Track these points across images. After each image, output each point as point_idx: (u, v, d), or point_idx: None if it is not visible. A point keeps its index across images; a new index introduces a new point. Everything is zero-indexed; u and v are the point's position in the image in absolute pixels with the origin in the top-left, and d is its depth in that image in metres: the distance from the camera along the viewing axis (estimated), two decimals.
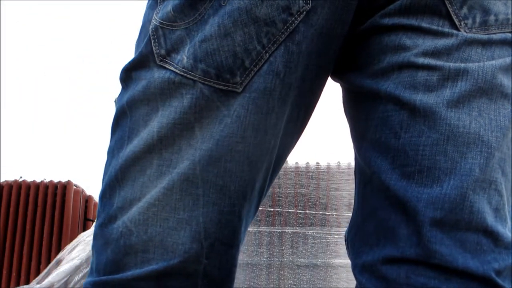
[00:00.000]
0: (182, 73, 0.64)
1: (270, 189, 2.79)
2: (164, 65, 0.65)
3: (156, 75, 0.65)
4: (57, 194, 3.86)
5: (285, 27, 0.63)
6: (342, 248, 2.67)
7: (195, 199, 0.64)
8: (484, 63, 0.62)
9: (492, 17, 0.62)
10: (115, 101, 0.75)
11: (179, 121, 0.64)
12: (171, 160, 0.65)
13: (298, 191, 2.77)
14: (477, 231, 0.59)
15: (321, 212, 2.75)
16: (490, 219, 0.60)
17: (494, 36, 0.62)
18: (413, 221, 0.60)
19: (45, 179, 3.93)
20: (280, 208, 2.74)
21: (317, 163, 2.80)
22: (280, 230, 2.71)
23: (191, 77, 0.63)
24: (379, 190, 0.64)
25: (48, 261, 3.64)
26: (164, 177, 0.64)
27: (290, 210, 2.75)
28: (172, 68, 0.64)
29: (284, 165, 2.88)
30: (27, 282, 3.62)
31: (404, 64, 0.63)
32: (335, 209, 2.74)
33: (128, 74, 0.69)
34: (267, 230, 2.72)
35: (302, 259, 2.66)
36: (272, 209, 2.75)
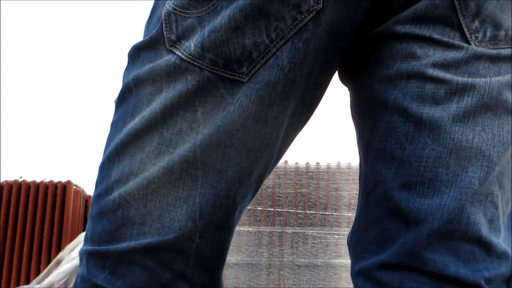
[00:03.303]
0: (188, 60, 0.65)
1: (270, 189, 2.79)
2: (173, 50, 0.67)
3: (165, 59, 0.67)
4: (57, 194, 3.86)
5: (294, 23, 0.64)
6: (342, 248, 2.67)
7: (194, 179, 0.66)
8: (491, 79, 0.63)
9: (502, 32, 0.63)
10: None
11: (184, 103, 0.66)
12: (171, 141, 0.67)
13: (298, 191, 2.77)
14: (471, 241, 0.62)
15: (321, 212, 2.74)
16: (484, 230, 0.62)
17: (503, 51, 0.63)
18: (412, 230, 0.62)
19: (45, 179, 3.93)
20: (280, 208, 2.74)
21: (317, 163, 2.80)
22: (280, 230, 2.71)
23: (198, 64, 0.65)
24: (382, 199, 0.66)
25: (48, 261, 3.64)
26: (163, 156, 0.67)
27: (290, 210, 2.75)
28: (179, 54, 0.66)
29: (284, 165, 2.88)
30: (27, 282, 3.62)
31: (414, 74, 0.64)
32: (335, 209, 2.74)
33: (137, 52, 0.71)
34: (267, 230, 2.72)
35: (302, 259, 2.66)
36: (272, 209, 2.76)
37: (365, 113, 0.71)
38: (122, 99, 0.72)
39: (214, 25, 0.64)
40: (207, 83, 0.66)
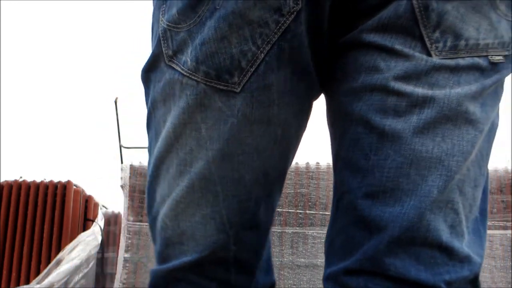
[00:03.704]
0: (187, 74, 0.68)
1: None
2: (172, 65, 0.69)
3: (168, 76, 0.70)
4: (57, 194, 3.86)
5: (278, 27, 0.66)
6: None
7: (214, 195, 0.70)
8: (450, 90, 0.65)
9: (462, 42, 0.65)
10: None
11: (188, 121, 0.69)
12: (186, 160, 0.70)
13: (298, 191, 2.77)
14: (431, 246, 0.65)
15: (321, 212, 2.75)
16: (445, 235, 0.65)
17: (462, 61, 0.65)
18: (374, 237, 0.66)
19: (45, 179, 3.93)
20: (280, 208, 2.74)
21: (317, 163, 2.80)
22: (280, 230, 2.71)
23: (195, 78, 0.67)
24: (349, 208, 0.69)
25: (48, 261, 3.64)
26: (184, 176, 0.70)
27: (290, 210, 2.75)
28: (179, 69, 0.68)
29: None
30: (27, 282, 3.62)
31: (376, 87, 0.67)
32: None
33: (147, 75, 0.74)
34: None
35: (302, 259, 2.66)
36: None
37: (334, 123, 0.75)
38: (149, 125, 0.76)
39: (203, 37, 0.66)
40: (204, 96, 0.67)
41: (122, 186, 2.85)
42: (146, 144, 0.80)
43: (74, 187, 3.92)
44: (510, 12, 0.66)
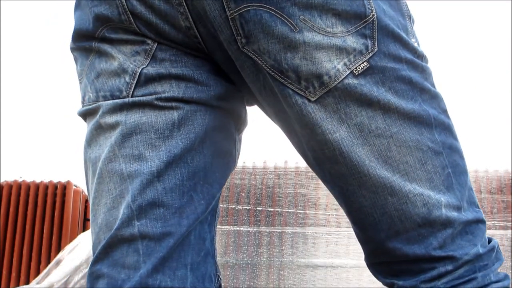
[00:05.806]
0: (89, 105, 0.81)
1: (270, 189, 2.79)
2: (84, 105, 0.83)
3: (79, 111, 0.84)
4: (57, 194, 3.86)
5: (146, 54, 0.78)
6: (342, 248, 2.67)
7: (119, 174, 0.76)
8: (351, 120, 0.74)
9: (325, 77, 0.73)
10: None
11: (95, 127, 0.81)
12: (96, 158, 0.79)
13: (298, 191, 2.77)
14: (413, 228, 0.74)
15: (321, 212, 2.75)
16: (422, 215, 0.74)
17: (336, 91, 0.73)
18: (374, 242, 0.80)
19: (45, 179, 3.93)
20: (280, 208, 2.74)
21: None
22: (280, 230, 2.71)
23: (96, 104, 0.80)
24: None
25: (48, 261, 3.64)
26: (95, 172, 0.79)
27: (290, 210, 2.75)
28: (86, 106, 0.82)
29: (284, 165, 2.88)
30: (27, 282, 3.62)
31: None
32: (335, 209, 2.74)
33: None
34: (267, 230, 2.72)
35: (302, 259, 2.67)
36: (272, 209, 2.76)
37: None
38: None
39: (96, 73, 0.80)
40: (98, 120, 0.80)
41: None
42: None
43: (74, 187, 3.92)
44: (349, 26, 0.72)
